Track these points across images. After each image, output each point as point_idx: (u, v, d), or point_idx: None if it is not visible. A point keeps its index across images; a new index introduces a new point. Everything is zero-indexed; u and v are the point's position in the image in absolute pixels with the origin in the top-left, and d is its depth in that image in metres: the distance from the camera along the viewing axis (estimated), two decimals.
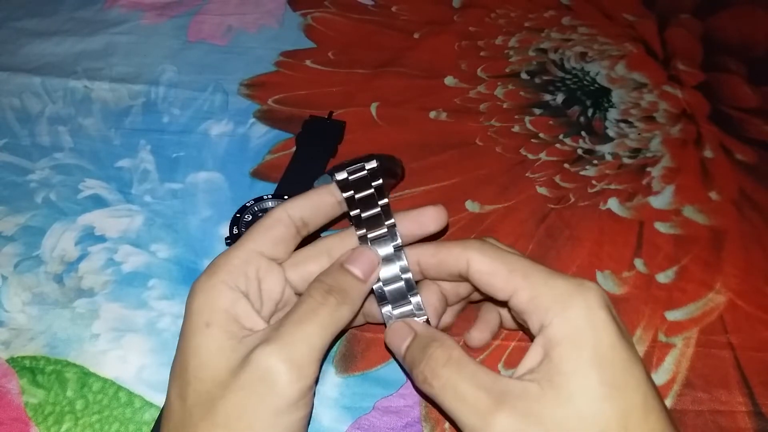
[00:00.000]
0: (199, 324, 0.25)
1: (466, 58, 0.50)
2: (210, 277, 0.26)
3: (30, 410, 0.30)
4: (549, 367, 0.23)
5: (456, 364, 0.24)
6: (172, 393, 0.25)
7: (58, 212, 0.38)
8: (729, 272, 0.36)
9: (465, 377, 0.23)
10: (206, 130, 0.43)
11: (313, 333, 0.24)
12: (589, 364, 0.22)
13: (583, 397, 0.22)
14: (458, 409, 0.23)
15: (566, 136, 0.44)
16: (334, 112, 0.44)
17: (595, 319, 0.23)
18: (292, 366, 0.23)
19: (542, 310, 0.23)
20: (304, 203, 0.28)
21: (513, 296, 0.25)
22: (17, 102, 0.45)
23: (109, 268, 0.36)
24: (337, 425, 0.30)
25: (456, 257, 0.26)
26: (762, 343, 0.33)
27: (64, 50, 0.49)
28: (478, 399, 0.23)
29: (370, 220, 0.28)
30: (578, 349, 0.22)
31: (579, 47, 0.51)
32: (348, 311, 0.26)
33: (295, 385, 0.23)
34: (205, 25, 0.52)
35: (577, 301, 0.23)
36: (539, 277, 0.24)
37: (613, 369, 0.22)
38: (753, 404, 0.31)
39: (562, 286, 0.24)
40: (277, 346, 0.23)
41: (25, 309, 0.34)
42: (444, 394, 0.24)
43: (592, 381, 0.22)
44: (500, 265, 0.25)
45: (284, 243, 0.27)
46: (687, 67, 0.49)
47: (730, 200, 0.40)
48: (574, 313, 0.23)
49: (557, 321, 0.23)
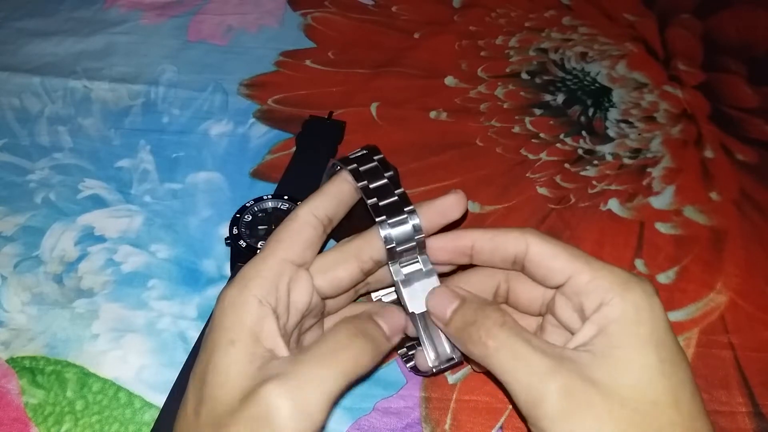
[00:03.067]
0: (224, 340, 0.24)
1: (466, 58, 0.50)
2: (242, 290, 0.24)
3: (30, 410, 0.30)
4: (604, 340, 0.23)
5: (512, 327, 0.24)
6: (189, 404, 0.24)
7: (57, 212, 0.38)
8: (730, 272, 0.36)
9: (523, 340, 0.24)
10: (206, 130, 0.43)
11: (329, 377, 0.23)
12: (646, 339, 0.23)
13: (638, 369, 0.22)
14: (515, 369, 0.23)
15: (567, 136, 0.44)
16: (334, 112, 0.44)
17: (653, 304, 0.24)
18: (297, 409, 0.22)
19: (603, 290, 0.24)
20: (326, 199, 0.27)
21: (573, 277, 0.25)
22: (17, 102, 0.45)
23: (108, 268, 0.35)
24: (337, 426, 0.30)
25: (515, 240, 0.26)
26: (762, 343, 0.33)
27: (64, 50, 0.49)
28: (537, 360, 0.23)
29: (389, 207, 0.27)
30: (637, 325, 0.23)
31: (579, 47, 0.51)
32: (370, 361, 0.25)
33: (297, 429, 0.22)
34: (204, 25, 0.52)
35: (636, 287, 0.24)
36: (599, 263, 0.25)
37: (668, 348, 0.23)
38: (753, 405, 0.31)
39: (621, 273, 0.24)
40: (288, 387, 0.22)
41: (25, 309, 0.34)
42: (499, 354, 0.24)
43: (650, 355, 0.23)
44: (561, 249, 0.25)
45: (313, 246, 0.26)
46: (687, 67, 0.49)
47: (731, 200, 0.40)
48: (634, 296, 0.24)
49: (618, 300, 0.23)
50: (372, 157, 0.28)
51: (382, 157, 0.28)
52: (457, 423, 0.30)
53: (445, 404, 0.30)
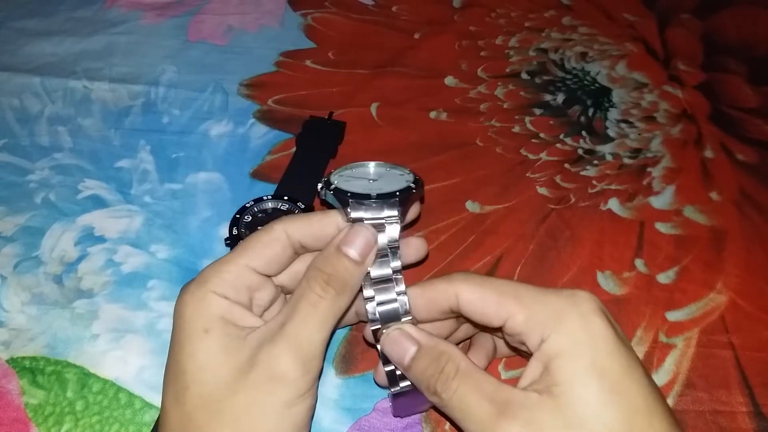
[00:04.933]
0: (195, 330, 0.25)
1: (466, 58, 0.50)
2: (200, 286, 0.25)
3: (30, 411, 0.30)
4: (548, 379, 0.23)
5: (463, 375, 0.24)
6: (167, 400, 0.25)
7: (57, 213, 0.38)
8: (730, 272, 0.36)
9: (471, 388, 0.24)
10: (206, 130, 0.43)
11: (316, 328, 0.25)
12: (587, 372, 0.22)
13: (583, 405, 0.22)
14: (464, 418, 0.24)
15: (567, 136, 0.44)
16: (334, 112, 0.44)
17: (591, 328, 0.23)
18: (299, 361, 0.24)
19: (539, 327, 0.24)
20: (305, 227, 0.27)
21: (508, 320, 0.25)
22: (17, 102, 0.45)
23: (108, 268, 0.35)
24: (337, 426, 0.30)
25: (444, 292, 0.26)
26: (763, 343, 0.33)
27: (64, 50, 0.49)
28: (483, 409, 0.23)
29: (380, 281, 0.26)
30: (575, 359, 0.23)
31: (579, 47, 0.51)
32: (346, 300, 0.26)
33: (302, 380, 0.24)
34: (205, 25, 0.52)
35: (571, 314, 0.23)
36: (530, 296, 0.24)
37: (612, 375, 0.22)
38: (753, 404, 0.31)
39: (554, 302, 0.24)
40: (285, 345, 0.24)
41: (25, 309, 0.34)
42: (451, 404, 0.24)
43: (592, 388, 0.22)
44: (489, 291, 0.25)
45: (278, 263, 0.27)
46: (687, 67, 0.49)
47: (731, 200, 0.40)
48: (570, 326, 0.23)
49: (554, 336, 0.23)
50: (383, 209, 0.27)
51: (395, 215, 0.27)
52: None
53: None
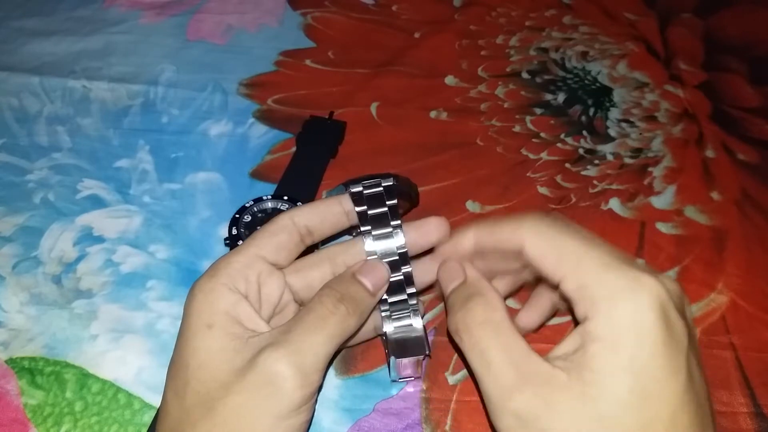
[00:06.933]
0: (199, 325, 0.24)
1: (466, 57, 0.50)
2: (210, 279, 0.25)
3: (29, 411, 0.30)
4: (582, 360, 0.22)
5: (493, 327, 0.23)
6: (168, 393, 0.25)
7: (56, 213, 0.38)
8: (731, 272, 0.36)
9: (498, 345, 0.23)
10: (205, 130, 0.43)
11: (321, 342, 0.24)
12: (622, 369, 0.21)
13: (607, 401, 0.21)
14: (483, 374, 0.23)
15: (567, 136, 0.44)
16: (335, 112, 0.44)
17: (641, 322, 0.21)
18: (299, 372, 0.23)
19: (588, 302, 0.22)
20: (310, 211, 0.28)
21: (561, 282, 0.23)
22: (15, 102, 0.45)
23: (107, 268, 0.35)
24: (337, 427, 0.30)
25: (510, 236, 0.25)
26: (764, 343, 0.33)
27: (63, 50, 0.49)
28: (505, 372, 0.22)
29: (376, 220, 0.28)
30: (615, 351, 0.21)
31: (580, 46, 0.51)
32: (356, 322, 0.26)
33: (299, 391, 0.23)
34: (204, 24, 0.52)
35: (625, 301, 0.21)
36: (592, 265, 0.22)
37: (647, 378, 0.21)
38: (754, 405, 0.31)
39: (613, 281, 0.22)
40: (286, 352, 0.23)
41: (24, 309, 0.34)
42: (472, 353, 0.23)
43: (621, 387, 0.21)
44: (551, 248, 0.24)
45: (287, 250, 0.27)
46: (688, 66, 0.49)
47: (732, 200, 0.40)
48: (619, 314, 0.21)
49: (600, 318, 0.22)
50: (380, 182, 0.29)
51: (391, 185, 0.29)
52: (457, 424, 0.30)
53: (446, 405, 0.30)
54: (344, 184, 0.29)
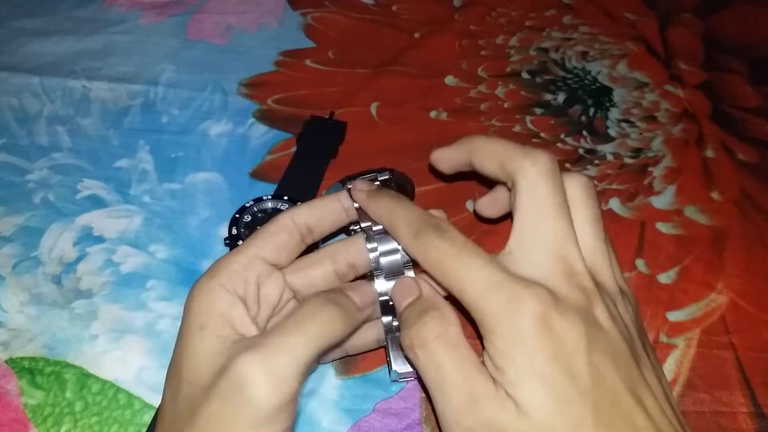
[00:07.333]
0: (194, 326, 0.24)
1: (466, 57, 0.50)
2: (209, 279, 0.25)
3: (29, 411, 0.30)
4: (499, 375, 0.22)
5: (449, 341, 0.23)
6: (166, 395, 0.25)
7: (56, 213, 0.38)
8: (731, 272, 0.36)
9: (453, 360, 0.23)
10: (205, 130, 0.43)
11: (299, 344, 0.23)
12: (531, 378, 0.22)
13: (537, 412, 0.21)
14: (437, 391, 0.23)
15: (568, 136, 0.44)
16: (335, 112, 0.44)
17: (525, 340, 0.22)
18: (270, 378, 0.22)
19: (481, 323, 0.23)
20: (310, 210, 0.28)
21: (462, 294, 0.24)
22: (15, 102, 0.45)
23: (107, 269, 0.35)
24: (336, 427, 0.30)
25: None
26: (764, 343, 0.33)
27: (63, 50, 0.49)
28: (458, 390, 0.22)
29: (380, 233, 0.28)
30: (515, 365, 0.22)
31: (580, 46, 0.51)
32: (342, 327, 0.25)
33: (273, 398, 0.22)
34: (204, 24, 0.52)
35: (507, 319, 0.22)
36: (475, 287, 0.23)
37: (554, 383, 0.21)
38: (754, 405, 0.31)
39: (496, 303, 0.22)
40: (258, 356, 0.22)
41: (24, 309, 0.34)
42: (428, 368, 0.23)
43: (540, 396, 0.21)
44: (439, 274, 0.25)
45: (287, 250, 0.27)
46: (688, 66, 0.49)
47: (732, 200, 0.40)
48: (505, 332, 0.22)
49: (494, 338, 0.22)
50: (377, 177, 0.29)
51: (387, 179, 0.29)
52: None
53: None
54: (342, 180, 0.29)
